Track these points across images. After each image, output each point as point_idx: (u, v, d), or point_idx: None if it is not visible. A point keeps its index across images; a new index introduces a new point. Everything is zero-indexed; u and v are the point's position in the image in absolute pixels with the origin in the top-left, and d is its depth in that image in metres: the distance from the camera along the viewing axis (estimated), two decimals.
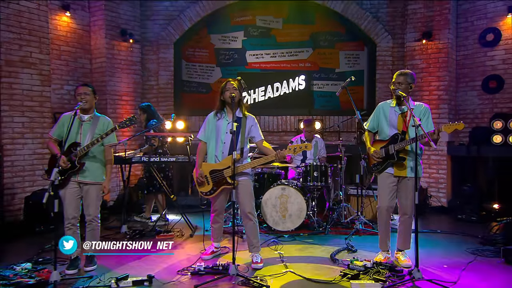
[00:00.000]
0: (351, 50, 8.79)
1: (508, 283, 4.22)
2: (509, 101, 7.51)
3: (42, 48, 6.49)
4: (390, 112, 4.65)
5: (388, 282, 3.92)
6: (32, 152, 6.35)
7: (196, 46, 8.75)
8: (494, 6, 7.61)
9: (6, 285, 3.96)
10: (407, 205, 4.54)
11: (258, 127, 4.78)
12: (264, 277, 4.11)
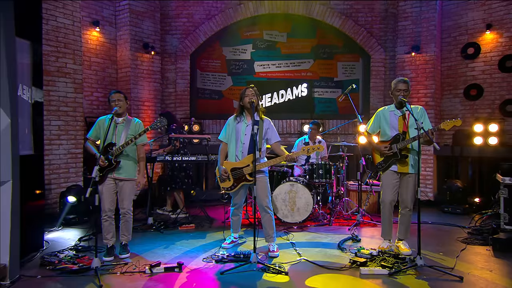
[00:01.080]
0: (348, 61, 8.78)
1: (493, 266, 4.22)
2: (487, 107, 7.57)
3: (75, 60, 6.51)
4: (391, 116, 4.62)
5: (394, 269, 3.91)
6: (66, 152, 6.38)
7: (210, 57, 8.72)
8: (474, 24, 7.69)
9: (54, 269, 3.99)
10: (408, 199, 4.52)
11: (274, 129, 4.74)
12: (281, 264, 4.09)
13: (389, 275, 3.84)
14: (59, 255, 4.39)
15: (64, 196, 5.96)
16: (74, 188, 6.09)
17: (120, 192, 4.46)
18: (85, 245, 4.85)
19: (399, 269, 3.90)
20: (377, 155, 4.66)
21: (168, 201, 6.66)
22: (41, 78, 4.89)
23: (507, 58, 7.32)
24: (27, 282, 3.74)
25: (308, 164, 6.23)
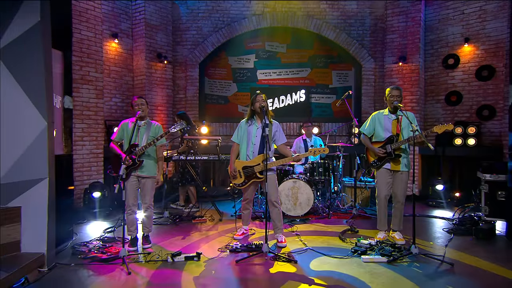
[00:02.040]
0: (342, 70, 8.77)
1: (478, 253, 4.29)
2: (466, 112, 7.59)
3: (97, 68, 6.49)
4: (385, 119, 4.62)
5: (392, 257, 3.95)
6: (89, 152, 6.35)
7: (216, 66, 8.70)
8: (454, 37, 7.70)
9: (85, 258, 4.03)
10: (400, 194, 4.54)
11: (282, 131, 4.71)
12: (290, 254, 4.13)
13: (388, 262, 3.87)
14: (88, 245, 4.42)
15: (87, 192, 5.95)
16: (97, 185, 6.05)
17: (142, 188, 4.46)
18: (110, 236, 4.85)
19: (397, 257, 3.93)
20: (371, 154, 4.68)
21: (180, 197, 6.64)
22: (70, 85, 4.91)
23: (483, 68, 7.36)
24: (62, 269, 3.77)
25: (309, 163, 6.23)
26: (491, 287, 3.40)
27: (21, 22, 3.69)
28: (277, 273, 3.66)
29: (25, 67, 3.73)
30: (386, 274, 3.61)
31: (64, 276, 3.58)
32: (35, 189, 3.74)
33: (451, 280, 3.52)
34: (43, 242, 3.72)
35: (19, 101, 3.71)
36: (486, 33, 7.33)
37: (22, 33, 3.69)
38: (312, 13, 8.35)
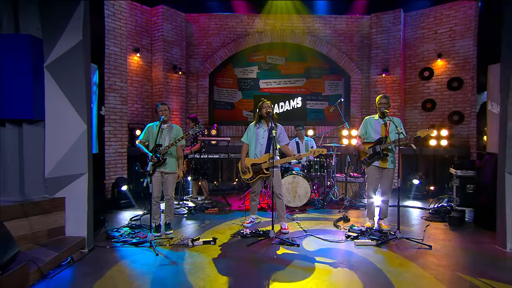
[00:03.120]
0: (333, 80, 8.76)
1: (451, 237, 4.39)
2: (439, 117, 7.73)
3: (122, 79, 6.52)
4: (375, 123, 4.64)
5: (380, 240, 4.02)
6: (114, 151, 6.39)
7: (224, 76, 8.67)
8: (428, 53, 7.83)
9: (117, 242, 4.09)
10: (387, 187, 4.58)
11: (285, 134, 4.73)
12: (293, 239, 4.11)
13: (376, 245, 3.95)
14: (119, 230, 4.49)
15: (114, 186, 5.99)
16: (122, 180, 6.11)
17: (165, 182, 4.48)
18: (137, 223, 4.86)
19: (384, 240, 4.03)
20: (362, 154, 4.71)
21: (193, 190, 6.65)
22: (103, 94, 4.98)
23: (453, 80, 7.52)
24: (99, 250, 3.83)
25: (306, 161, 6.25)
26: (462, 264, 3.54)
27: (66, 40, 3.76)
28: (283, 254, 3.72)
29: (69, 79, 3.80)
30: (376, 254, 3.71)
31: (102, 257, 3.66)
32: (77, 182, 3.83)
33: (429, 258, 3.63)
34: (84, 228, 3.80)
35: (63, 107, 3.79)
36: (455, 50, 7.48)
37: (68, 50, 3.76)
38: (307, 31, 8.41)
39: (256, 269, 3.37)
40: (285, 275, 3.19)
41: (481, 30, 5.22)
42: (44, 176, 3.80)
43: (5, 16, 3.59)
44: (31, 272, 2.81)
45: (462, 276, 3.21)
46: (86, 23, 3.84)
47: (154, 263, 3.48)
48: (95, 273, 3.22)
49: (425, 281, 3.10)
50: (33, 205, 3.50)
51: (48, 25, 3.77)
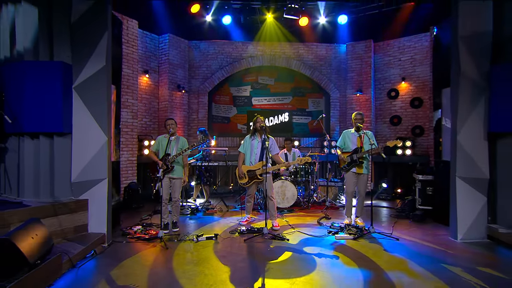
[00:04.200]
0: (315, 98, 8.82)
1: (414, 231, 4.59)
2: (404, 130, 7.90)
3: (133, 96, 6.62)
4: (352, 136, 4.77)
5: (356, 235, 4.20)
6: (126, 159, 6.44)
7: (221, 94, 8.66)
8: (394, 77, 8.03)
9: (132, 238, 4.16)
10: (362, 190, 4.73)
11: (276, 144, 4.86)
12: (283, 235, 4.26)
13: (353, 239, 4.12)
14: (133, 228, 4.53)
15: (126, 189, 6.03)
16: (133, 184, 6.19)
17: (173, 187, 4.55)
18: (147, 222, 4.91)
19: (360, 235, 4.21)
20: (342, 162, 4.82)
21: (195, 193, 6.63)
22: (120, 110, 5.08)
23: (414, 99, 7.75)
24: (117, 245, 3.92)
25: (293, 168, 6.33)
26: (423, 252, 3.74)
27: (92, 66, 3.92)
28: (275, 247, 3.85)
29: (93, 98, 3.93)
30: (354, 246, 3.90)
31: (120, 250, 3.75)
32: (98, 186, 3.93)
33: (397, 248, 3.84)
34: (104, 225, 3.91)
35: (88, 122, 3.92)
36: (416, 75, 7.77)
37: (93, 73, 3.91)
38: (293, 56, 8.56)
39: (253, 259, 3.50)
40: (277, 264, 3.34)
41: (434, 60, 5.59)
42: (71, 181, 3.91)
43: (42, 45, 3.76)
44: (64, 262, 2.95)
45: (421, 261, 3.43)
46: (109, 50, 4.00)
47: (165, 255, 3.58)
48: (115, 263, 3.33)
49: (394, 264, 3.32)
50: (62, 206, 3.61)
51: (77, 53, 3.92)
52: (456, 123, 4.28)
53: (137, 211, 5.84)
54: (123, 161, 6.32)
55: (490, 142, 4.22)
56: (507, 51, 4.12)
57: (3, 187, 4.01)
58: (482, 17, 4.18)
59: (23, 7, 3.74)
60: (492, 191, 4.23)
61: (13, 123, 3.59)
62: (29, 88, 3.67)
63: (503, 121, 4.02)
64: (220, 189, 7.68)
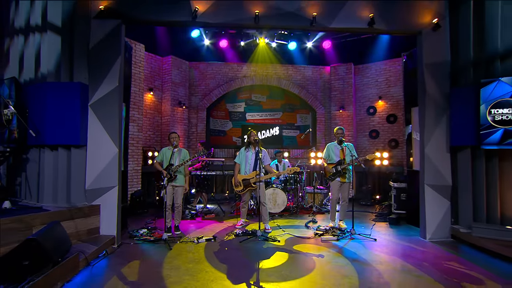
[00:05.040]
0: (303, 114, 8.96)
1: (390, 232, 4.76)
2: (382, 143, 8.18)
3: (139, 111, 6.75)
4: (335, 149, 4.94)
5: (339, 236, 4.37)
6: (132, 169, 6.49)
7: (218, 110, 8.76)
8: (372, 96, 8.36)
9: (138, 240, 4.25)
10: (345, 196, 4.88)
11: (268, 156, 5.00)
12: (275, 237, 4.40)
13: (337, 239, 4.29)
14: (139, 231, 4.62)
15: (132, 196, 6.10)
16: (138, 192, 6.27)
17: (175, 194, 4.67)
18: (151, 226, 4.98)
19: (342, 236, 4.39)
20: (328, 172, 4.96)
21: (195, 199, 6.71)
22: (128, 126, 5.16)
23: (390, 116, 8.08)
24: (126, 246, 4.02)
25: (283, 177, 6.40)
26: (396, 250, 3.96)
27: (106, 86, 4.11)
28: (268, 248, 3.97)
29: (106, 114, 4.10)
30: (337, 246, 4.07)
31: (128, 250, 3.87)
32: (109, 193, 4.06)
33: (375, 247, 4.04)
34: (114, 228, 4.02)
35: (102, 135, 4.08)
36: (391, 94, 8.13)
37: (106, 93, 4.10)
38: (283, 76, 8.82)
39: (248, 258, 3.63)
40: (270, 262, 3.50)
41: (405, 82, 5.96)
42: (85, 188, 4.02)
43: (63, 68, 3.96)
44: (80, 260, 3.09)
45: (398, 260, 3.68)
46: (121, 72, 4.21)
47: (169, 255, 3.69)
48: (125, 262, 3.46)
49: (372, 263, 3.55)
50: (77, 210, 3.73)
51: (93, 74, 4.12)
52: (424, 138, 4.57)
53: (142, 216, 5.91)
54: (128, 170, 6.28)
55: (452, 154, 4.53)
56: (462, 77, 4.49)
57: (24, 194, 4.12)
58: (441, 49, 4.57)
59: (48, 35, 3.96)
60: (454, 196, 4.50)
61: (36, 137, 3.74)
62: (50, 105, 3.85)
63: (461, 136, 4.36)
64: (217, 196, 7.76)
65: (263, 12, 4.47)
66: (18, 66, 4.31)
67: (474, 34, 4.34)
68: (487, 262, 3.57)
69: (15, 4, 4.36)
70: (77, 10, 4.01)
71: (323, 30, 5.22)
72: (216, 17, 4.43)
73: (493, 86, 4.00)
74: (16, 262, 2.44)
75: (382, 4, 4.54)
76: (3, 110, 3.92)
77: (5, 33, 4.50)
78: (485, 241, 3.84)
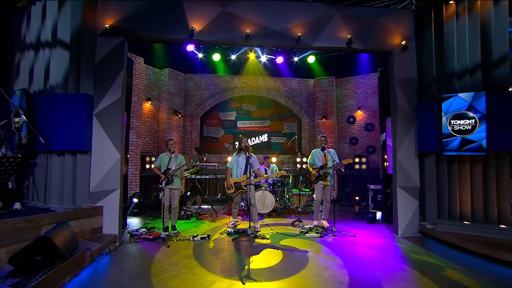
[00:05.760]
0: (289, 122, 9.08)
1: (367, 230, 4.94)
2: (361, 149, 8.43)
3: (138, 119, 6.82)
4: (319, 154, 5.10)
5: (322, 234, 4.54)
6: (131, 173, 6.54)
7: (211, 118, 8.81)
8: (352, 106, 8.64)
9: (138, 238, 4.30)
10: (328, 198, 5.02)
11: (257, 161, 5.11)
12: (264, 235, 4.52)
13: (320, 236, 4.46)
14: (139, 230, 4.69)
15: (131, 199, 6.12)
16: (136, 194, 6.27)
17: (172, 196, 4.77)
18: (149, 226, 5.02)
19: (325, 234, 4.58)
20: (312, 176, 5.12)
21: (189, 201, 6.71)
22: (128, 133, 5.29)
23: (368, 124, 8.37)
24: (126, 244, 4.08)
25: (271, 180, 6.59)
26: (374, 245, 4.17)
27: (110, 97, 4.23)
28: (257, 245, 4.10)
29: (109, 123, 4.21)
30: (320, 242, 4.25)
31: (129, 248, 3.94)
32: (111, 195, 4.15)
33: (354, 243, 4.25)
34: (116, 228, 4.11)
35: (105, 142, 4.18)
36: (368, 105, 8.46)
37: (110, 103, 4.22)
38: (271, 88, 9.03)
39: (239, 254, 3.76)
40: (259, 257, 3.64)
41: (380, 94, 6.31)
42: (89, 191, 4.10)
43: (70, 80, 4.08)
44: (86, 257, 3.18)
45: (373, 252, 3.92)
46: (124, 85, 4.33)
47: (167, 251, 3.79)
48: (127, 258, 3.56)
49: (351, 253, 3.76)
50: (82, 211, 3.81)
51: (98, 86, 4.24)
52: (396, 144, 4.86)
53: (140, 216, 5.95)
54: (128, 174, 6.27)
55: (419, 159, 4.83)
56: (427, 92, 4.85)
57: (31, 196, 4.16)
58: (410, 67, 4.92)
59: (57, 51, 4.08)
60: (421, 196, 4.80)
61: (45, 143, 3.83)
62: (58, 114, 3.95)
63: (427, 143, 4.70)
64: (210, 198, 7.84)
65: (253, 31, 4.72)
66: (28, 78, 4.39)
67: (436, 55, 4.72)
68: (448, 253, 3.86)
69: (26, 22, 4.46)
70: (85, 28, 4.15)
71: (307, 48, 5.51)
72: (211, 35, 4.64)
73: (452, 101, 4.37)
74: (30, 258, 2.54)
75: (358, 27, 4.88)
76: (14, 118, 3.99)
77: (17, 48, 4.59)
78: (447, 235, 4.15)
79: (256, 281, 2.97)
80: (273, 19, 4.73)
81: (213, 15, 4.61)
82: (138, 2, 4.38)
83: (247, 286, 2.86)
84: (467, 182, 4.45)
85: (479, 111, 4.16)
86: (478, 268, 3.35)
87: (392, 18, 4.93)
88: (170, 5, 4.49)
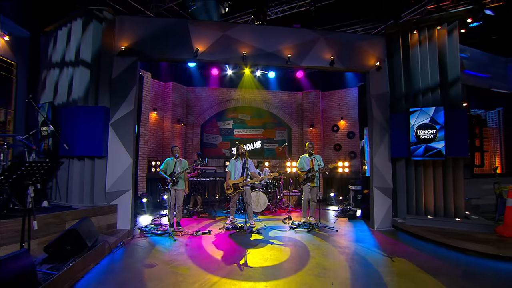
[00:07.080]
0: (280, 130, 9.20)
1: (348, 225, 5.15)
2: (343, 155, 8.57)
3: (145, 128, 6.99)
4: (306, 159, 5.26)
5: (309, 229, 4.73)
6: (139, 176, 6.55)
7: (211, 126, 8.94)
8: (336, 116, 8.90)
9: (148, 233, 4.43)
10: (314, 198, 5.16)
11: (253, 164, 5.29)
12: (258, 230, 4.69)
13: (307, 231, 4.66)
14: (148, 226, 4.84)
15: (139, 198, 6.20)
16: (144, 194, 6.41)
17: (177, 196, 4.87)
18: (157, 222, 5.15)
19: (311, 229, 4.78)
20: (301, 178, 5.29)
21: (191, 202, 6.78)
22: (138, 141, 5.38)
23: (349, 132, 8.64)
24: (137, 239, 4.23)
25: (265, 182, 6.79)
26: (353, 237, 4.44)
27: (124, 109, 4.46)
28: (253, 239, 4.26)
29: (123, 131, 4.42)
30: (307, 236, 4.48)
31: (140, 242, 4.11)
32: (125, 195, 4.33)
33: (336, 236, 4.49)
34: (128, 224, 4.29)
35: (119, 149, 4.39)
36: (350, 115, 8.77)
37: (124, 114, 4.44)
38: (264, 100, 9.23)
39: (238, 247, 3.94)
40: (256, 250, 3.82)
41: (359, 106, 6.71)
42: (105, 191, 4.29)
43: (90, 95, 4.32)
44: (106, 248, 3.40)
45: (352, 243, 4.21)
46: (136, 97, 4.57)
47: (174, 244, 3.98)
48: (139, 250, 3.74)
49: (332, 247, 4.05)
50: (99, 209, 4.00)
51: (114, 99, 4.47)
52: (372, 151, 5.19)
53: (147, 214, 6.07)
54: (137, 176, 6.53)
55: (392, 163, 5.18)
56: (398, 106, 5.24)
57: (54, 195, 4.33)
58: (383, 84, 5.32)
59: (80, 69, 4.33)
60: (394, 195, 5.12)
61: (68, 149, 4.04)
62: (79, 124, 4.16)
63: (398, 150, 5.06)
64: (210, 198, 7.89)
65: (249, 52, 5.05)
66: (53, 92, 4.60)
67: (404, 74, 5.15)
68: (414, 243, 4.19)
69: (53, 44, 4.71)
70: (103, 49, 4.41)
71: (296, 67, 5.87)
72: (212, 55, 4.95)
73: (417, 113, 4.78)
74: (61, 247, 2.76)
75: (340, 50, 5.26)
76: (41, 128, 4.20)
77: (43, 66, 4.81)
78: (414, 228, 4.49)
79: (252, 268, 3.20)
80: (266, 42, 5.07)
81: (214, 38, 4.93)
82: (149, 26, 4.68)
83: (245, 272, 3.10)
84: (431, 183, 4.84)
85: (439, 123, 4.57)
86: (435, 253, 3.67)
87: (368, 43, 5.35)
88: (177, 29, 4.80)
